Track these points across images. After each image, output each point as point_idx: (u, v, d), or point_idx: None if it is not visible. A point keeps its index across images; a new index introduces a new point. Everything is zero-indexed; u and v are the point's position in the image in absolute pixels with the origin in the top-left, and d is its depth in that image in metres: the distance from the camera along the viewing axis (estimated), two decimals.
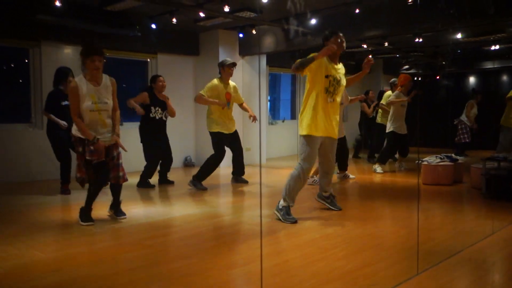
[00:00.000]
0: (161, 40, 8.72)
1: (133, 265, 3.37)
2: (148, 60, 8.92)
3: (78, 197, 5.78)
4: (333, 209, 5.04)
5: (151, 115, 6.51)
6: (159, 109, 6.56)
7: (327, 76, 4.55)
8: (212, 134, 6.61)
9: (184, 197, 6.04)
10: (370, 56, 5.12)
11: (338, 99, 4.72)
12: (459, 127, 10.64)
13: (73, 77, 5.65)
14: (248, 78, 9.56)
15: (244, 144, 9.60)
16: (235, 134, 6.86)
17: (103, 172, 4.49)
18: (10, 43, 7.25)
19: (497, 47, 9.76)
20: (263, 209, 5.26)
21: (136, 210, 5.28)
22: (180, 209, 5.30)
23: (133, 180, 6.49)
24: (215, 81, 6.57)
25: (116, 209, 4.81)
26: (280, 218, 4.58)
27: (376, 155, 8.96)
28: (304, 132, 4.61)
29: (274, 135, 10.89)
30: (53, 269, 3.26)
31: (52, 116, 6.03)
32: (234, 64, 6.61)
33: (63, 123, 6.00)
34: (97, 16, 7.35)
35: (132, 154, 6.22)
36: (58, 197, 6.02)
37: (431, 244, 3.77)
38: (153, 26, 8.00)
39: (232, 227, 4.57)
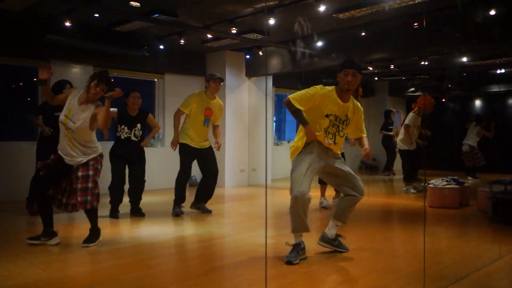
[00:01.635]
0: (169, 61, 8.82)
1: (135, 286, 3.34)
2: (156, 80, 9.00)
3: (80, 216, 5.77)
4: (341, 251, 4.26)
5: (117, 133, 5.81)
6: (125, 128, 5.77)
7: (327, 116, 3.95)
8: (179, 145, 5.96)
9: (187, 217, 6.01)
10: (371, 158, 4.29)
11: (341, 141, 4.11)
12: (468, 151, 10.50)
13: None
14: (254, 99, 9.60)
15: (249, 164, 9.65)
16: (207, 151, 6.08)
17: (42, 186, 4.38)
18: (20, 62, 7.35)
19: (503, 70, 9.79)
20: (268, 230, 5.23)
21: (138, 230, 5.26)
22: (183, 230, 5.27)
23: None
24: (195, 93, 6.03)
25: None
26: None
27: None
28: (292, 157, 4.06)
29: (280, 156, 10.86)
30: None
31: (38, 120, 5.94)
32: (220, 79, 5.96)
33: (48, 129, 5.73)
34: (106, 37, 7.46)
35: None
36: (62, 215, 6.00)
37: (437, 268, 3.73)
38: (161, 46, 8.09)
39: (236, 248, 4.53)
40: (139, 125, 5.86)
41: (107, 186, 5.83)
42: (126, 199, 5.98)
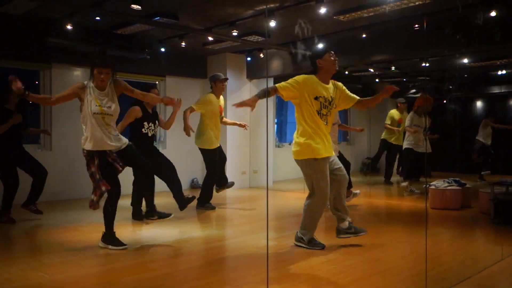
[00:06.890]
0: (170, 63, 8.83)
1: None
2: (157, 82, 9.01)
3: (79, 219, 5.79)
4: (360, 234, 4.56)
5: (143, 130, 5.73)
6: (152, 125, 5.83)
7: (317, 98, 4.29)
8: (212, 151, 6.63)
9: (188, 219, 6.01)
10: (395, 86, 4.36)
11: (331, 121, 4.46)
12: (474, 146, 10.52)
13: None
14: None
15: (250, 166, 9.66)
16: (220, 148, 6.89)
17: (116, 182, 4.39)
18: (22, 65, 7.36)
19: (504, 72, 9.79)
20: (269, 232, 5.23)
21: (140, 232, 5.26)
22: (184, 232, 5.28)
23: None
24: (210, 95, 6.62)
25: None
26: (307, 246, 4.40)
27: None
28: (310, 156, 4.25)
29: (281, 158, 10.86)
30: None
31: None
32: (226, 79, 6.69)
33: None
34: (107, 39, 7.47)
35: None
36: (64, 218, 6.02)
37: (439, 270, 3.72)
38: (162, 49, 8.11)
39: (237, 250, 4.53)
40: (156, 121, 5.95)
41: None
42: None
